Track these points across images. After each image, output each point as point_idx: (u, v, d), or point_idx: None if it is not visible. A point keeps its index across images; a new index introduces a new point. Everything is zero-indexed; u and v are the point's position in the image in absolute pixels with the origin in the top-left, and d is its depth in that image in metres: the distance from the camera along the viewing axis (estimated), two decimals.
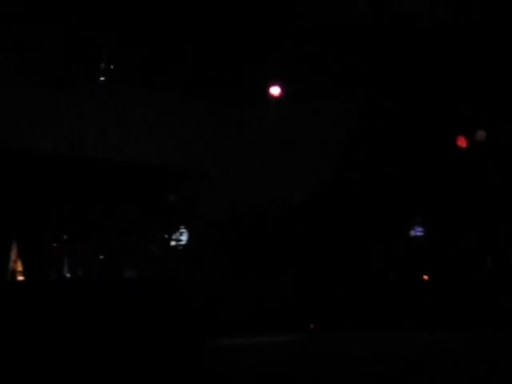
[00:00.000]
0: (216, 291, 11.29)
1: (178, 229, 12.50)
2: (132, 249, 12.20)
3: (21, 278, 11.50)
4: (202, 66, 12.50)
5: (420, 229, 13.78)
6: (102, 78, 12.32)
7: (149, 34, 12.13)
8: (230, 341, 10.35)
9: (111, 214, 12.22)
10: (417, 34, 12.44)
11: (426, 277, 13.11)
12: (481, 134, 13.35)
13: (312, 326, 12.28)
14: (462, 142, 13.39)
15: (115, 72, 12.42)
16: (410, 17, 12.39)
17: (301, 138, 13.12)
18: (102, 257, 12.11)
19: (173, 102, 12.62)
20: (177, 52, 12.45)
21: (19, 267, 11.57)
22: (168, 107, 12.63)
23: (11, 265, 11.54)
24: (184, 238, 12.53)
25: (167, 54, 12.31)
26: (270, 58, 12.63)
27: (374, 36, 12.50)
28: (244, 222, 12.70)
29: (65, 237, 12.06)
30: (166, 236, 12.53)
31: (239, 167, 12.94)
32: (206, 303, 10.53)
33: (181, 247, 12.48)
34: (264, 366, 8.52)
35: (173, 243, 12.52)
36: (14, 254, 11.59)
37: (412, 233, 13.72)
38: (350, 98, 12.98)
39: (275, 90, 12.97)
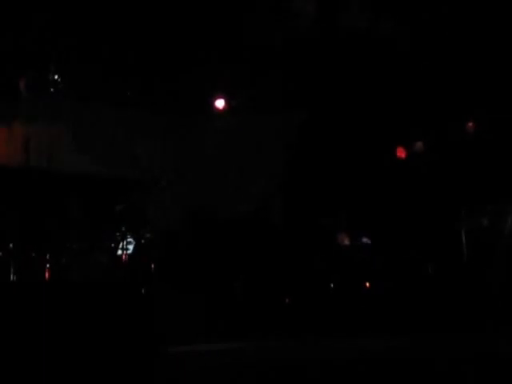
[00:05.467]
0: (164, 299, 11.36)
1: (126, 238, 12.53)
2: (78, 258, 12.17)
3: None
4: (149, 78, 12.74)
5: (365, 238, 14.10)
6: (52, 89, 12.49)
7: (98, 46, 12.32)
8: (179, 349, 10.38)
9: (58, 224, 12.22)
10: (358, 46, 12.84)
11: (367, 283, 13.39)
12: (419, 146, 13.85)
13: None
14: (401, 153, 13.87)
15: (65, 83, 12.57)
16: (351, 30, 12.78)
17: (245, 151, 13.43)
18: (48, 265, 12.04)
19: (121, 112, 12.81)
20: (123, 65, 12.64)
21: None
22: (116, 118, 12.81)
23: None
24: (131, 247, 12.58)
25: (113, 65, 12.50)
26: (215, 71, 12.91)
27: (315, 49, 12.86)
28: (192, 232, 12.85)
29: (11, 245, 11.98)
30: (113, 245, 12.55)
31: (187, 178, 13.17)
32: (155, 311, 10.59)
33: (128, 256, 12.50)
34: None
35: (119, 252, 12.54)
36: None
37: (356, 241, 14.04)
38: (293, 110, 13.36)
39: (220, 103, 13.25)
